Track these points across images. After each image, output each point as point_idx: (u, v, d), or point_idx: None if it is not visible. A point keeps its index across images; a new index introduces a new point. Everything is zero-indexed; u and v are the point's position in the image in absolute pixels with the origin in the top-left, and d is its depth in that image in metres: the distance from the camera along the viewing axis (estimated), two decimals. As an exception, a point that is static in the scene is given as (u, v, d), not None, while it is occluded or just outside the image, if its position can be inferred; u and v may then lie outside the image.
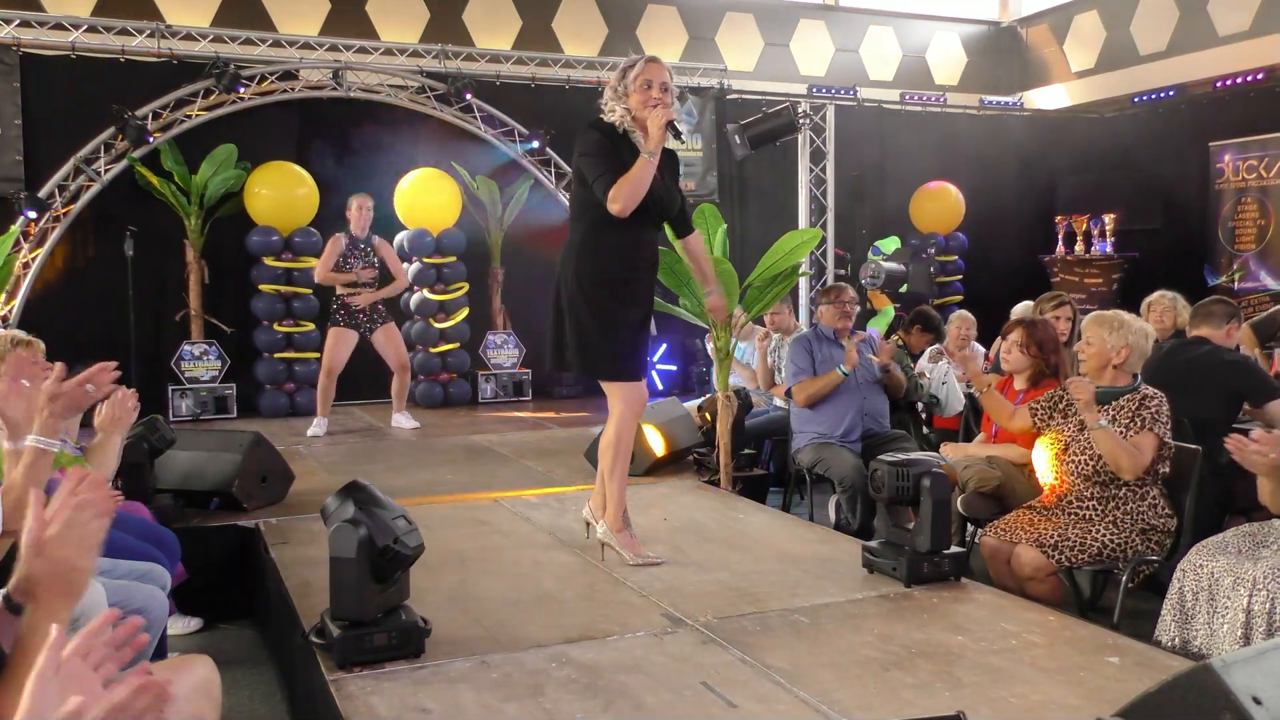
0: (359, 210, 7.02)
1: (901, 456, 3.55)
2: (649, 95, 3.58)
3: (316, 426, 7.06)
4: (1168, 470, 3.68)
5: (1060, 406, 3.90)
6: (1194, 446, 3.76)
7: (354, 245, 7.02)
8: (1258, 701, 1.51)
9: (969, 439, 5.26)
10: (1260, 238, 9.60)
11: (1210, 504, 4.06)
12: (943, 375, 5.99)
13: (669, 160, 3.79)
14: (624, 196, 3.52)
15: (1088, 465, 3.68)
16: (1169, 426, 3.67)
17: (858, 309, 5.66)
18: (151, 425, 4.35)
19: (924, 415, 6.08)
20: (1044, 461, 3.89)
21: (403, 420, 7.31)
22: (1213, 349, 4.56)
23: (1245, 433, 4.55)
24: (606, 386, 3.82)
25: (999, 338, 4.81)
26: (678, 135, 3.66)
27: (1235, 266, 9.79)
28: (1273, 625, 2.88)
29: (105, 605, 2.55)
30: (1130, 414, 3.67)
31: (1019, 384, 4.63)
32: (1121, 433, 3.64)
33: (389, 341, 7.18)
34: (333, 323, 7.04)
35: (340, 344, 7.00)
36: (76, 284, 8.00)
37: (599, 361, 3.75)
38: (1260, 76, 9.57)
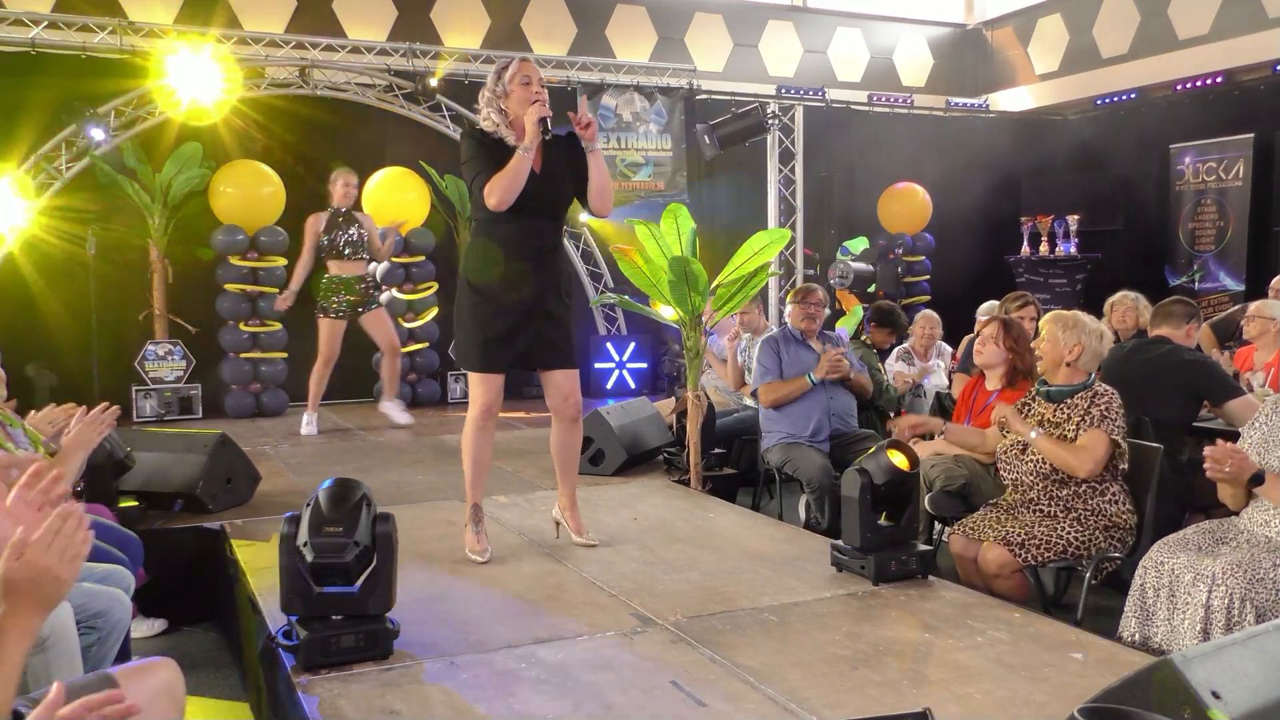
0: (344, 186, 7.03)
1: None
2: (529, 91, 3.69)
3: (308, 425, 7.02)
4: (1126, 467, 3.73)
5: (1020, 411, 3.94)
6: (1155, 445, 3.81)
7: (335, 215, 7.01)
8: (1216, 696, 1.54)
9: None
10: (1219, 239, 9.76)
11: (1171, 501, 4.12)
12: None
13: (567, 147, 3.81)
14: (499, 191, 3.64)
15: (1045, 465, 3.75)
16: (1119, 422, 3.71)
17: (826, 312, 5.69)
18: (109, 443, 4.15)
19: (892, 416, 6.12)
20: (1005, 462, 3.93)
21: (393, 410, 7.20)
22: (1173, 349, 4.62)
23: (1207, 431, 4.66)
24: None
25: (966, 337, 4.84)
26: (547, 132, 3.69)
27: (1195, 267, 9.95)
28: (1231, 621, 2.93)
29: (70, 610, 2.52)
30: (1081, 411, 3.73)
31: (991, 383, 4.61)
32: (1073, 431, 3.70)
33: (378, 323, 7.16)
34: (323, 313, 7.01)
35: (334, 335, 7.01)
36: (38, 283, 7.86)
37: (459, 350, 3.99)
38: (1219, 80, 9.73)
